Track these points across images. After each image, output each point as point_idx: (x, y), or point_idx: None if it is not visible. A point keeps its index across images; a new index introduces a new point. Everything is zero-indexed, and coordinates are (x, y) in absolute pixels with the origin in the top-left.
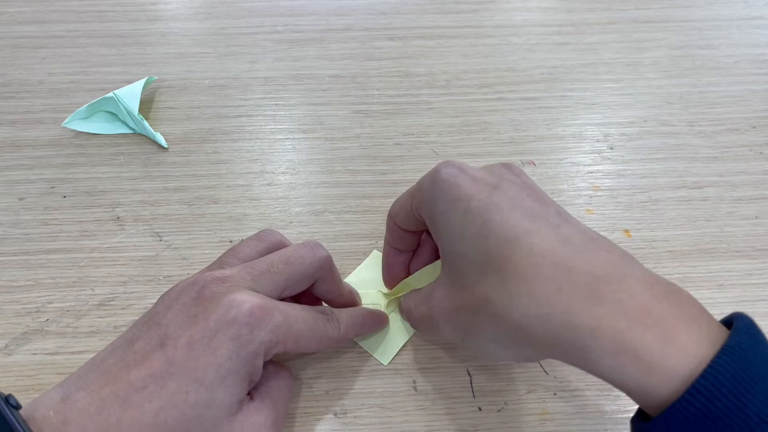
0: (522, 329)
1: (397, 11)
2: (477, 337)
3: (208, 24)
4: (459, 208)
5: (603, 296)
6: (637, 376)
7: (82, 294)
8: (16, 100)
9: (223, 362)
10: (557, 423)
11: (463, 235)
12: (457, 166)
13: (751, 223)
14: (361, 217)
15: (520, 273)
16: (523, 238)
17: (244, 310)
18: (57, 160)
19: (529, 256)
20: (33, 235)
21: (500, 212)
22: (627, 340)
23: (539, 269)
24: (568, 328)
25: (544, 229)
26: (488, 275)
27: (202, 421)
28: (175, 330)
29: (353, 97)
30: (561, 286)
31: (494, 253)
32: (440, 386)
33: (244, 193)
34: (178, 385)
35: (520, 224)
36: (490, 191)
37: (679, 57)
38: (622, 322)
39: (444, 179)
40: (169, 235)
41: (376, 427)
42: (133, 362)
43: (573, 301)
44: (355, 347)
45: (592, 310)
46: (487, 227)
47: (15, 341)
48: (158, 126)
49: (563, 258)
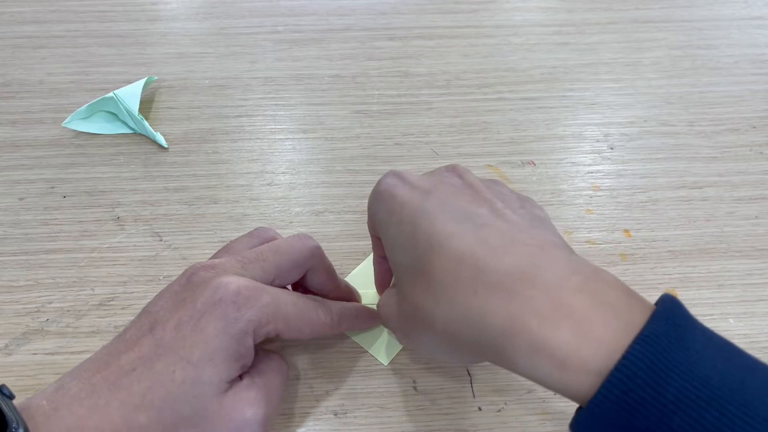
0: (448, 334)
1: (397, 11)
2: (417, 342)
3: (208, 24)
4: (393, 219)
5: (515, 294)
6: (554, 373)
7: (82, 294)
8: (16, 100)
9: (210, 340)
10: (557, 423)
11: (398, 244)
12: (398, 174)
13: (751, 223)
14: (361, 217)
15: (440, 279)
16: (444, 243)
17: (231, 290)
18: (57, 160)
19: (447, 260)
20: (33, 235)
21: (428, 218)
22: (540, 338)
23: (457, 273)
24: (485, 330)
25: (467, 231)
26: (417, 281)
27: (189, 399)
28: (164, 315)
29: (353, 97)
30: (476, 288)
31: (421, 259)
32: (440, 386)
33: (244, 193)
34: (165, 364)
35: (445, 228)
36: (423, 198)
37: (679, 57)
38: (533, 320)
39: (382, 190)
40: (169, 235)
41: (376, 427)
42: (124, 348)
43: (487, 302)
44: (355, 347)
45: (504, 310)
46: (415, 235)
47: (15, 341)
48: (158, 126)
49: (479, 259)
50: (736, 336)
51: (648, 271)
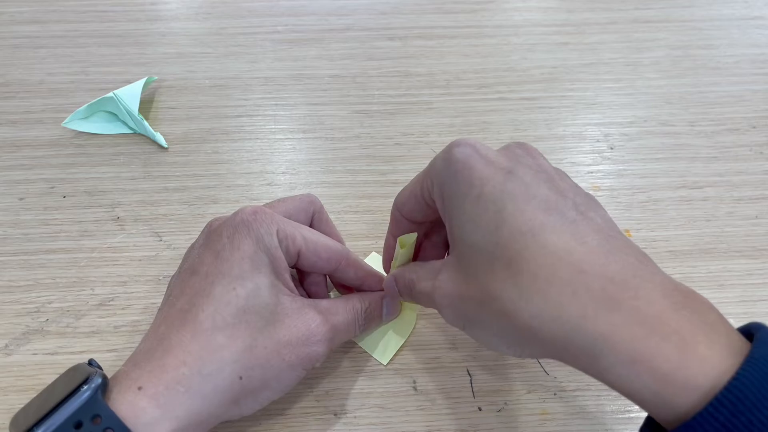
0: (531, 330)
1: (398, 11)
2: (480, 328)
3: (208, 24)
4: (472, 194)
5: (619, 302)
6: (652, 386)
7: (82, 294)
8: (17, 100)
9: (251, 255)
10: (557, 423)
11: (474, 222)
12: (472, 144)
13: (752, 223)
14: (361, 217)
15: (533, 272)
16: (538, 234)
17: (248, 211)
18: (57, 160)
19: (543, 254)
20: (33, 235)
21: (514, 201)
22: (643, 349)
23: (554, 270)
24: (581, 333)
25: (560, 224)
26: (498, 269)
27: (258, 308)
28: (197, 257)
29: (353, 97)
30: (576, 290)
31: (506, 245)
32: (440, 386)
33: (244, 193)
34: (222, 286)
35: (535, 217)
36: (505, 177)
37: (680, 57)
38: (639, 330)
39: (457, 159)
40: (169, 235)
41: (376, 427)
42: (175, 299)
43: (588, 306)
44: (354, 347)
45: (607, 317)
46: (500, 217)
47: (15, 341)
48: (158, 126)
49: (579, 260)
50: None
51: None
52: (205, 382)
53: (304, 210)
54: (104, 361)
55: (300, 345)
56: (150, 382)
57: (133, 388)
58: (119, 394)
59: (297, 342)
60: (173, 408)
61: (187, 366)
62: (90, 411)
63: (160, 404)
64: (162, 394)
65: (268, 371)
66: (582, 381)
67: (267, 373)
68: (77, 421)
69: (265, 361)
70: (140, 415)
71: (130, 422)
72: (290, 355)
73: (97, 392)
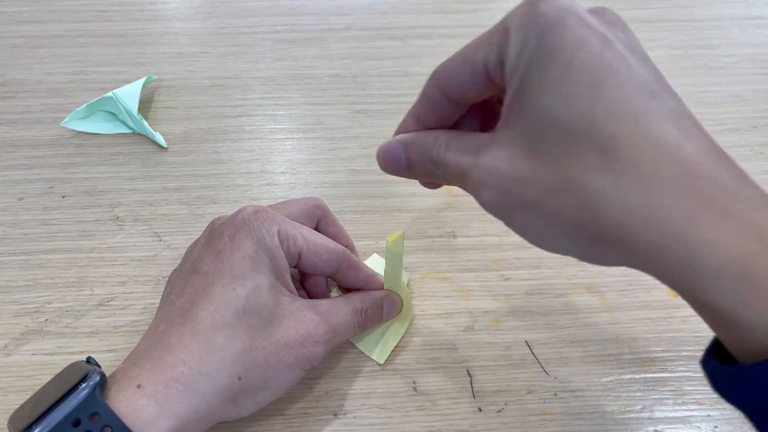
0: (618, 228)
1: (398, 11)
2: (539, 219)
3: (207, 23)
4: (561, 58)
5: (733, 213)
6: (759, 307)
7: (81, 294)
8: (16, 99)
9: (251, 254)
10: (557, 423)
11: (559, 93)
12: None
13: None
14: (361, 217)
15: (634, 163)
16: (643, 120)
17: (250, 211)
18: (56, 159)
19: (649, 145)
20: (32, 235)
21: (615, 77)
22: (757, 265)
23: (660, 165)
24: (684, 240)
25: (665, 114)
26: (587, 153)
27: (258, 308)
28: (198, 256)
29: (353, 97)
30: (684, 191)
31: (602, 127)
32: (440, 387)
33: (243, 193)
34: (222, 286)
35: (639, 102)
36: (602, 45)
37: (680, 57)
38: (753, 245)
39: (545, 13)
40: (168, 235)
41: (376, 427)
42: (176, 297)
43: (698, 211)
44: (353, 347)
45: (719, 226)
46: (597, 93)
47: (14, 341)
48: (158, 126)
49: (688, 159)
50: None
51: None
52: (205, 382)
53: (310, 213)
54: (103, 361)
55: (298, 346)
56: (149, 381)
57: (131, 386)
58: (118, 392)
59: (295, 343)
60: (172, 406)
61: (186, 365)
62: (88, 409)
63: (159, 402)
64: (161, 392)
65: (267, 372)
66: (582, 381)
67: (266, 373)
68: (75, 419)
69: (264, 361)
70: (139, 412)
71: (129, 420)
72: (288, 356)
73: (96, 390)
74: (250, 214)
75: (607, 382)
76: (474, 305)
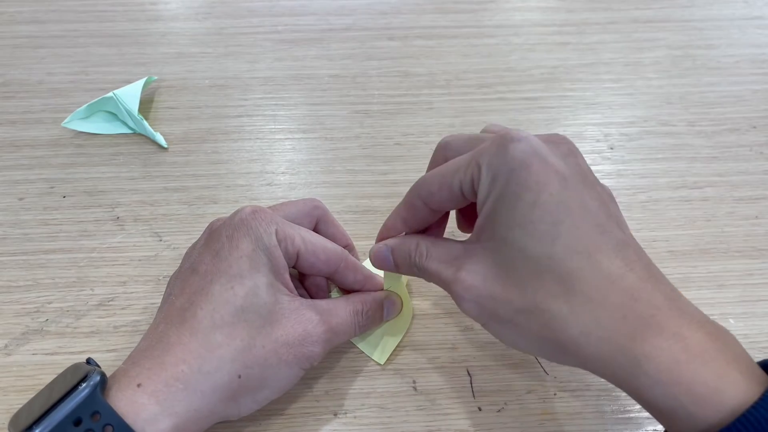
0: (576, 344)
1: (398, 11)
2: (509, 330)
3: (207, 24)
4: (527, 198)
5: (664, 329)
6: (688, 406)
7: (81, 294)
8: (16, 100)
9: (249, 254)
10: (557, 423)
11: (526, 229)
12: (527, 140)
13: (751, 223)
14: (360, 217)
15: (586, 293)
16: (593, 255)
17: (248, 211)
18: (56, 160)
19: (598, 277)
20: (33, 235)
21: (571, 216)
22: (685, 373)
23: (607, 294)
24: (627, 354)
25: (611, 248)
26: (548, 281)
27: (256, 307)
28: (198, 256)
29: (353, 97)
30: (626, 314)
31: (560, 261)
32: (440, 386)
33: (244, 193)
34: (221, 285)
35: (590, 238)
36: (561, 185)
37: (680, 57)
38: (682, 356)
39: (514, 157)
40: (168, 235)
41: (376, 427)
42: (175, 297)
43: (636, 329)
44: (355, 349)
45: (653, 341)
46: (556, 231)
47: (15, 341)
48: (158, 126)
49: (630, 287)
50: (736, 336)
51: None
52: (204, 380)
53: (308, 214)
54: (104, 361)
55: (297, 345)
56: (149, 380)
57: (132, 385)
58: (118, 391)
59: (294, 342)
60: (172, 404)
61: (186, 364)
62: (89, 408)
63: (160, 401)
64: (161, 390)
65: (267, 370)
66: (582, 381)
67: (265, 372)
68: (77, 418)
69: (263, 360)
70: (140, 411)
71: (130, 418)
72: (288, 355)
73: (96, 389)
74: (248, 214)
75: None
76: None
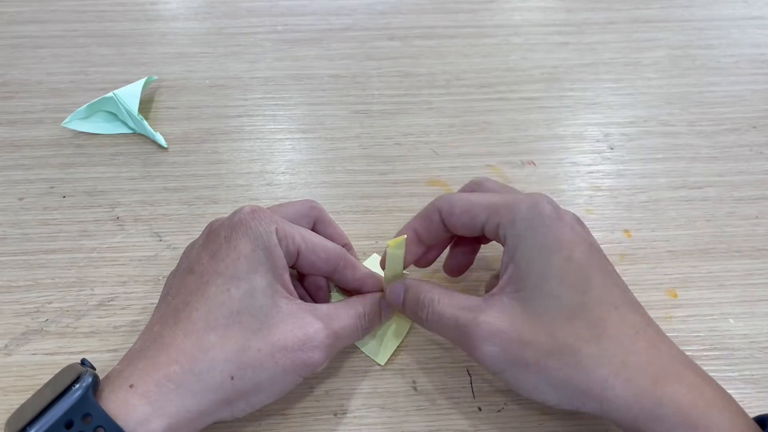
0: (602, 386)
1: (397, 11)
2: (532, 374)
3: (207, 24)
4: (562, 253)
5: (683, 377)
6: None
7: (81, 294)
8: (16, 100)
9: (247, 254)
10: (556, 423)
11: (560, 278)
12: (555, 205)
13: (752, 223)
14: (360, 217)
15: (615, 337)
16: (620, 308)
17: (247, 211)
18: (56, 160)
19: (625, 326)
20: (32, 235)
21: (599, 273)
22: (702, 418)
23: (634, 341)
24: (651, 396)
25: (631, 305)
26: (579, 326)
27: (252, 310)
28: (196, 256)
29: (353, 97)
30: (651, 360)
31: (592, 309)
32: (440, 386)
33: (243, 193)
34: (217, 287)
35: (615, 294)
36: (587, 248)
37: (679, 57)
38: (700, 401)
39: (548, 215)
40: (168, 235)
41: (376, 427)
42: (171, 297)
43: (659, 375)
44: (355, 349)
45: (674, 386)
46: (589, 284)
47: (15, 341)
48: (158, 126)
49: (651, 338)
50: (736, 336)
51: (648, 271)
52: (196, 380)
53: (306, 215)
54: (103, 361)
55: (296, 350)
56: (141, 380)
57: (124, 386)
58: (111, 392)
59: (293, 347)
60: (164, 405)
61: (178, 364)
62: (81, 410)
63: (151, 401)
64: (153, 391)
65: (261, 374)
66: None
67: (260, 375)
68: (68, 420)
69: (258, 363)
70: (131, 412)
71: (121, 420)
72: (284, 360)
73: (88, 391)
74: (246, 214)
75: None
76: None
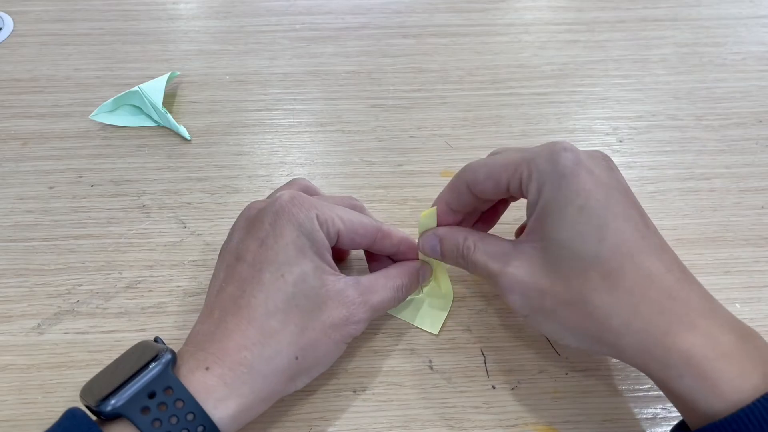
0: (616, 334)
1: (412, 10)
2: (552, 321)
3: (227, 22)
4: (576, 202)
5: (698, 327)
6: (710, 399)
7: (110, 277)
8: (45, 94)
9: (293, 240)
10: (568, 401)
11: (574, 229)
12: (575, 152)
13: (757, 212)
14: (377, 206)
15: (628, 288)
16: (636, 256)
17: (286, 199)
18: (84, 151)
19: (640, 275)
20: (63, 221)
21: (616, 220)
22: (711, 369)
23: (647, 290)
24: (661, 346)
25: (651, 251)
26: (593, 277)
27: (307, 293)
28: (243, 244)
29: (369, 92)
30: (664, 310)
31: (606, 259)
32: (455, 366)
33: (264, 183)
34: (271, 273)
35: (634, 241)
36: (606, 193)
37: (687, 54)
38: (711, 353)
39: (565, 166)
40: (192, 222)
41: (393, 404)
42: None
43: (672, 325)
44: (373, 328)
45: (687, 337)
46: (603, 232)
47: (47, 321)
48: (181, 119)
49: (668, 286)
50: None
51: None
52: (266, 364)
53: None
54: (133, 339)
55: (342, 326)
56: (215, 364)
57: (201, 368)
58: (189, 372)
59: (340, 323)
60: (238, 387)
61: (248, 350)
62: (162, 383)
63: (227, 383)
64: (227, 374)
65: (319, 350)
66: (592, 361)
67: (318, 351)
68: (151, 391)
69: (315, 341)
70: (210, 391)
71: (201, 397)
72: (335, 335)
73: (168, 367)
74: (286, 202)
75: (617, 362)
76: (487, 289)
